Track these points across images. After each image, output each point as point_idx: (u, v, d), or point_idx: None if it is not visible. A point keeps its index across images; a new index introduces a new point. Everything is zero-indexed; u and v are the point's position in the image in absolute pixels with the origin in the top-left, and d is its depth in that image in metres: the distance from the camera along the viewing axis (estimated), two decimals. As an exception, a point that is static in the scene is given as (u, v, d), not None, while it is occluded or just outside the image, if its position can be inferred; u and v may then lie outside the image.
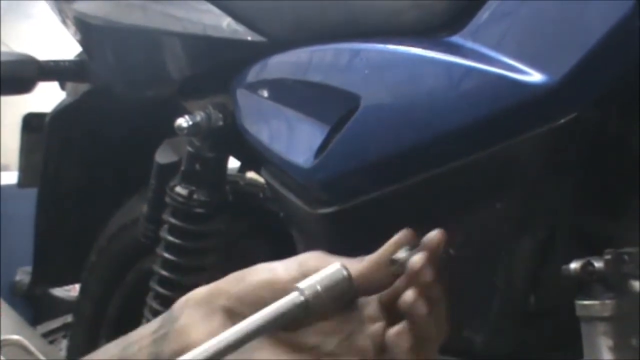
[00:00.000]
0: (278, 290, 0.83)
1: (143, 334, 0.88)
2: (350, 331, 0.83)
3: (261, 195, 1.66)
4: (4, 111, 2.52)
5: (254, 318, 0.79)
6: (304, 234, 1.31)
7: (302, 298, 0.80)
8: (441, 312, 0.81)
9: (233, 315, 0.85)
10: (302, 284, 0.80)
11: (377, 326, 0.82)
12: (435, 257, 0.81)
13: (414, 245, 0.83)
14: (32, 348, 1.38)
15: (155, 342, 0.87)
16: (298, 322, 0.82)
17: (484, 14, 1.09)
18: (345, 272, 0.81)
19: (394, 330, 0.81)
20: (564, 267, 1.00)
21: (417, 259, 0.80)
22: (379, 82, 1.16)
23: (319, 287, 0.80)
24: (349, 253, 1.13)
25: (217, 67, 1.41)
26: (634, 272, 1.00)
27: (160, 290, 1.51)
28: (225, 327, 0.83)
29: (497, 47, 1.06)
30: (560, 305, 1.05)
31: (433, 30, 1.15)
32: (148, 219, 1.62)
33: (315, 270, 0.82)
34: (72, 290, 2.37)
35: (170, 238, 1.50)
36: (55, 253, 1.85)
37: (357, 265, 0.84)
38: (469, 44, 1.09)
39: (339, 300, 0.81)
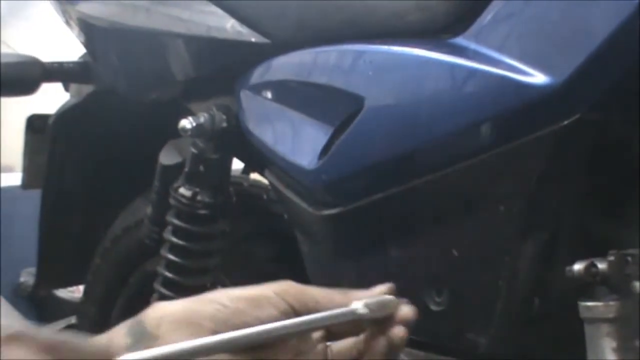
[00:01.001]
0: (264, 316, 0.89)
1: (114, 349, 0.88)
2: (303, 350, 0.92)
3: (265, 196, 1.67)
4: (8, 112, 2.52)
5: (315, 315, 0.90)
6: (307, 235, 1.31)
7: (363, 310, 0.90)
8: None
9: None
10: (362, 302, 0.92)
11: (321, 346, 0.93)
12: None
13: None
14: (36, 349, 1.38)
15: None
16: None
17: (487, 16, 1.09)
18: (396, 301, 0.94)
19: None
20: (567, 268, 1.00)
21: (409, 309, 0.93)
22: (383, 84, 1.16)
23: (374, 307, 0.92)
24: (352, 255, 1.13)
25: (221, 69, 1.41)
26: (636, 274, 1.00)
27: (164, 291, 1.51)
28: None
29: (501, 49, 1.06)
30: (563, 306, 1.05)
31: (437, 32, 1.16)
32: (152, 220, 1.62)
33: (296, 297, 0.92)
34: (76, 292, 2.37)
35: (174, 239, 1.50)
36: (59, 254, 1.85)
37: (340, 294, 0.94)
38: (473, 46, 1.10)
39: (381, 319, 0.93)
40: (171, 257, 1.51)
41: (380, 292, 0.95)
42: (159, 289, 1.53)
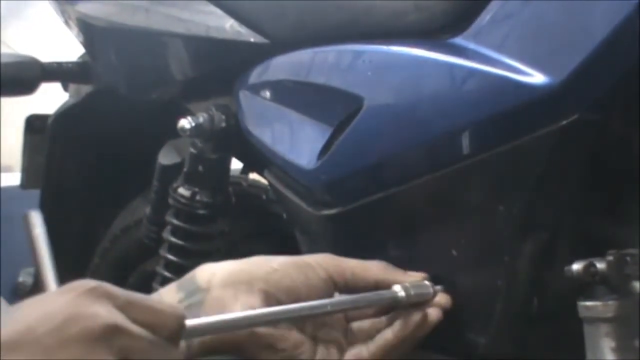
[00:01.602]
0: (309, 281, 0.98)
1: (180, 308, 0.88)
2: (328, 324, 1.01)
3: (264, 196, 1.67)
4: (8, 112, 2.52)
5: (359, 295, 1.01)
6: (307, 235, 1.31)
7: (402, 294, 1.01)
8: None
9: (270, 298, 0.91)
10: (402, 286, 1.02)
11: (343, 323, 1.02)
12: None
13: None
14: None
15: (189, 309, 0.89)
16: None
17: (486, 16, 1.09)
18: (432, 290, 1.05)
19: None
20: (566, 268, 1.00)
21: (446, 298, 1.05)
22: (382, 84, 1.16)
23: (412, 292, 1.03)
24: (352, 254, 1.13)
25: (220, 69, 1.41)
26: (636, 274, 1.00)
27: (163, 291, 1.51)
28: (263, 307, 0.95)
29: (500, 49, 1.06)
30: (562, 306, 1.05)
31: (435, 32, 1.15)
32: (151, 220, 1.62)
33: (335, 268, 1.00)
34: (74, 292, 2.36)
35: (173, 239, 1.50)
36: (58, 254, 1.85)
37: (377, 269, 1.04)
38: (472, 46, 1.09)
39: (416, 305, 1.04)
40: (170, 257, 1.51)
41: (414, 277, 1.03)
42: (158, 289, 1.52)
